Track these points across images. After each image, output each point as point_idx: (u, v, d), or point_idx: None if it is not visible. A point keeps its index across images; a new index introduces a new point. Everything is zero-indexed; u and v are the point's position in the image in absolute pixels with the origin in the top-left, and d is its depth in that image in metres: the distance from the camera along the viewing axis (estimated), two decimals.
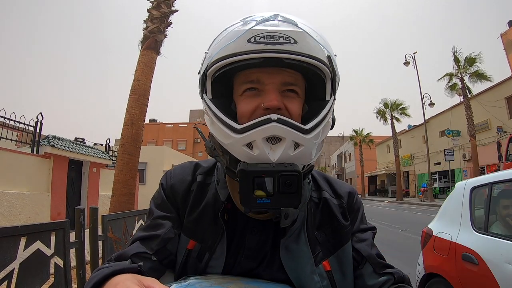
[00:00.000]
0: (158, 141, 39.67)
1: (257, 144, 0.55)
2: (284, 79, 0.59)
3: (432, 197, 20.59)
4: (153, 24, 6.95)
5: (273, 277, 0.66)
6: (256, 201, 0.53)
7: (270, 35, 0.55)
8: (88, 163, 10.36)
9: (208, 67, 0.60)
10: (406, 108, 27.30)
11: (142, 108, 6.54)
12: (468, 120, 17.06)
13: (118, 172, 6.26)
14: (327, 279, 0.66)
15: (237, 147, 0.57)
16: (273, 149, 0.55)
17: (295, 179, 0.52)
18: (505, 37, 19.09)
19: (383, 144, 36.35)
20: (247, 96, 0.60)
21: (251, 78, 0.60)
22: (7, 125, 7.75)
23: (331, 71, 0.60)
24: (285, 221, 0.64)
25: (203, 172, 0.76)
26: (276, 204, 0.53)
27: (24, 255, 1.89)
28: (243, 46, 0.55)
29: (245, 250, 0.67)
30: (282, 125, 0.55)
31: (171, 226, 0.70)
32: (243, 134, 0.56)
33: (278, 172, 0.52)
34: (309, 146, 0.58)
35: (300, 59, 0.56)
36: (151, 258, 0.65)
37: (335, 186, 0.78)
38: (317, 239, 0.69)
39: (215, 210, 0.69)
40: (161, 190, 0.75)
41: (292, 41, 0.55)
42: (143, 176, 14.88)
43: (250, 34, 0.55)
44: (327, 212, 0.72)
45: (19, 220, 7.25)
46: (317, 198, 0.74)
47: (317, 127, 0.59)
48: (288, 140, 0.55)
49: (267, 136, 0.55)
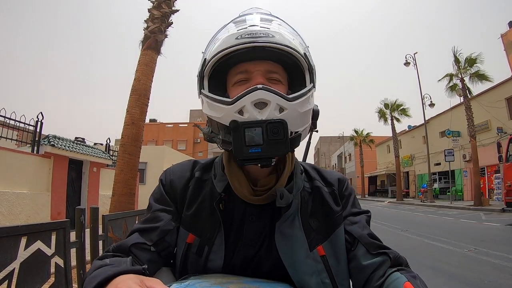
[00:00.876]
0: (158, 141, 39.68)
1: (246, 109, 0.62)
2: (267, 67, 0.69)
3: (432, 198, 20.56)
4: (154, 24, 6.93)
5: (273, 262, 0.69)
6: (248, 150, 0.60)
7: (253, 33, 0.65)
8: (88, 162, 10.36)
9: (205, 66, 0.68)
10: (406, 108, 27.29)
11: (142, 108, 6.53)
12: (468, 120, 17.03)
13: (118, 172, 6.24)
14: (322, 263, 0.69)
15: (230, 115, 0.63)
16: (261, 112, 0.62)
17: (280, 126, 0.60)
18: (505, 38, 19.10)
19: (383, 144, 36.34)
20: (237, 85, 0.69)
21: (240, 69, 0.69)
22: (7, 124, 7.75)
23: (307, 63, 0.69)
24: (281, 201, 0.67)
25: (201, 168, 0.80)
26: (266, 152, 0.60)
27: (25, 254, 1.88)
28: (232, 42, 0.65)
29: (244, 239, 0.70)
30: (267, 91, 0.63)
31: (170, 219, 0.73)
32: (234, 103, 0.63)
33: (265, 122, 0.60)
34: (294, 112, 0.64)
35: (278, 47, 0.65)
36: (150, 249, 0.68)
37: (325, 175, 0.82)
38: (311, 226, 0.72)
39: (212, 202, 0.71)
40: (160, 185, 0.79)
41: (271, 36, 0.65)
42: (143, 176, 14.89)
43: (237, 33, 0.65)
44: (319, 200, 0.76)
45: (19, 220, 7.25)
46: (309, 188, 0.78)
47: (300, 98, 0.66)
48: (273, 103, 0.62)
49: (255, 100, 0.62)
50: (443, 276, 4.27)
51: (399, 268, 0.66)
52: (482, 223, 9.88)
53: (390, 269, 0.66)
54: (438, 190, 24.21)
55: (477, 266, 4.68)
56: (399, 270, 0.65)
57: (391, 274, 0.65)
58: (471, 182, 18.25)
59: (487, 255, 5.30)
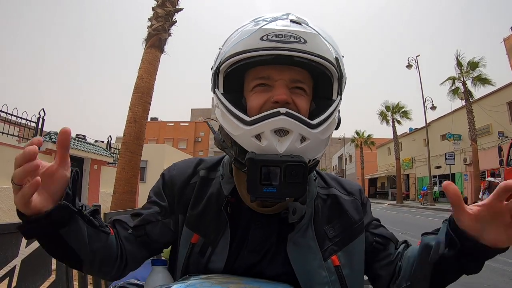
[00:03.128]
0: (159, 139, 39.71)
1: (265, 136, 0.58)
2: (292, 76, 0.62)
3: (432, 201, 20.55)
4: (158, 22, 6.93)
5: (277, 272, 0.66)
6: (262, 190, 0.55)
7: (282, 34, 0.58)
8: (89, 160, 10.36)
9: (221, 63, 0.62)
10: (408, 111, 27.25)
11: (145, 106, 6.53)
12: (469, 124, 17.02)
13: (120, 170, 6.25)
14: (335, 274, 0.67)
15: (246, 138, 0.59)
16: (280, 141, 0.58)
17: (300, 169, 0.55)
18: (508, 42, 19.02)
19: (384, 146, 36.29)
20: (257, 91, 0.63)
21: (262, 74, 0.63)
22: (9, 120, 7.76)
23: (338, 72, 0.63)
24: (293, 217, 0.65)
25: (206, 167, 0.78)
26: (282, 193, 0.55)
27: (26, 252, 1.89)
28: (256, 43, 0.58)
29: (249, 244, 0.68)
30: (290, 118, 0.57)
31: (156, 212, 0.73)
32: (252, 126, 0.58)
33: (284, 162, 0.55)
34: (315, 140, 0.60)
35: (309, 58, 0.59)
36: (127, 230, 0.70)
37: (345, 185, 0.80)
38: (327, 234, 0.70)
39: (218, 204, 0.70)
40: (161, 179, 0.79)
41: (302, 41, 0.58)
42: (143, 174, 14.89)
43: (262, 32, 0.58)
44: (337, 208, 0.74)
45: None
46: (324, 194, 0.75)
47: (324, 123, 0.61)
48: (295, 133, 0.58)
49: (275, 128, 0.58)
50: None
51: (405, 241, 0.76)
52: None
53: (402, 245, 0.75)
54: (438, 193, 24.15)
55: None
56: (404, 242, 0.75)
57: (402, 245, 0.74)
58: (471, 186, 18.20)
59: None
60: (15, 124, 8.08)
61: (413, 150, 28.50)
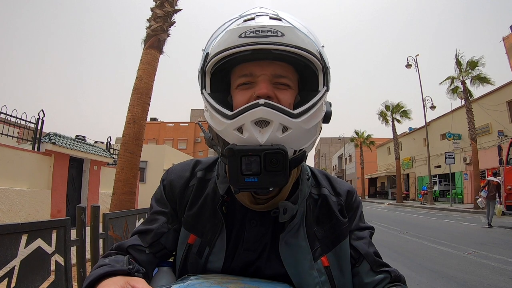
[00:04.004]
0: (159, 140, 39.69)
1: (246, 128, 0.58)
2: (274, 71, 0.62)
3: (432, 200, 20.56)
4: (157, 23, 6.94)
5: (273, 270, 0.67)
6: (244, 180, 0.55)
7: (259, 30, 0.59)
8: (89, 161, 10.36)
9: (206, 63, 0.63)
10: (407, 110, 27.26)
11: (144, 107, 6.53)
12: (469, 123, 17.02)
13: (119, 170, 6.24)
14: (325, 274, 0.67)
15: (229, 131, 0.60)
16: (261, 132, 0.58)
17: (280, 157, 0.55)
18: (507, 41, 19.02)
19: (384, 146, 36.30)
20: (241, 88, 0.64)
21: (245, 71, 0.63)
22: (8, 121, 7.75)
23: (322, 63, 0.63)
24: (284, 216, 0.65)
25: (203, 168, 0.78)
26: (263, 182, 0.56)
27: (25, 252, 1.89)
28: (235, 41, 0.59)
29: (244, 243, 0.68)
30: (269, 108, 0.58)
31: (164, 221, 0.73)
32: (233, 119, 0.59)
33: (263, 150, 0.55)
34: (298, 130, 0.60)
35: (287, 50, 0.59)
36: (145, 251, 0.69)
37: (335, 184, 0.79)
38: (316, 235, 0.70)
39: (214, 204, 0.70)
40: (161, 186, 0.79)
41: (279, 34, 0.59)
42: (143, 174, 14.90)
43: (241, 30, 0.59)
44: (326, 209, 0.73)
45: (19, 217, 7.26)
46: (316, 194, 0.75)
47: (306, 113, 0.61)
48: (275, 123, 0.58)
49: (255, 119, 0.58)
50: (443, 278, 4.26)
51: (396, 284, 0.68)
52: (482, 226, 9.87)
53: (388, 284, 0.68)
54: (438, 193, 24.18)
55: (476, 269, 4.68)
56: (396, 286, 0.67)
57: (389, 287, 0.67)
58: (471, 185, 18.22)
59: (486, 258, 5.30)
60: (14, 125, 8.08)
61: (413, 149, 28.51)
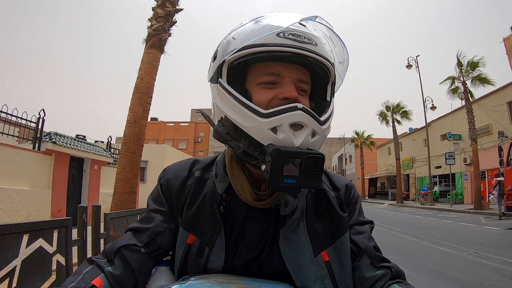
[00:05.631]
0: (159, 140, 39.70)
1: (282, 129, 0.59)
2: (299, 75, 0.65)
3: (432, 201, 20.54)
4: (158, 23, 6.93)
5: (275, 267, 0.67)
6: (283, 180, 0.56)
7: (298, 34, 0.61)
8: (90, 160, 10.36)
9: (230, 53, 0.62)
10: (408, 111, 27.23)
11: (145, 107, 6.52)
12: (469, 124, 17.00)
13: (120, 170, 6.24)
14: (326, 269, 0.67)
15: (262, 130, 0.59)
16: (296, 135, 0.59)
17: (319, 161, 0.57)
18: (507, 42, 19.00)
19: (384, 146, 36.29)
20: (264, 86, 0.64)
21: (272, 70, 0.64)
22: (9, 121, 7.75)
23: (334, 75, 0.68)
24: (285, 209, 0.66)
25: (201, 168, 0.77)
26: (300, 184, 0.57)
27: (26, 252, 1.89)
28: (273, 39, 0.60)
29: (245, 241, 0.68)
30: (306, 113, 0.60)
31: (161, 220, 0.73)
32: (269, 118, 0.59)
33: (306, 154, 0.56)
34: (323, 136, 0.64)
35: (319, 60, 0.62)
36: (140, 251, 0.69)
37: (333, 179, 0.80)
38: (316, 230, 0.70)
39: (212, 203, 0.70)
40: (158, 184, 0.78)
41: (314, 43, 0.62)
42: (143, 174, 14.89)
43: (280, 29, 0.60)
44: (325, 203, 0.74)
45: (19, 216, 7.26)
46: (315, 189, 0.76)
47: (328, 120, 0.65)
48: (309, 128, 0.60)
49: (293, 122, 0.59)
50: (443, 279, 4.26)
51: (398, 281, 0.68)
52: (482, 226, 9.86)
53: (390, 281, 0.68)
54: (438, 193, 24.16)
55: (476, 269, 4.68)
56: (397, 282, 0.67)
57: (390, 285, 0.67)
58: (471, 186, 18.21)
59: (487, 259, 5.29)
60: (15, 125, 8.07)
61: (413, 150, 28.50)
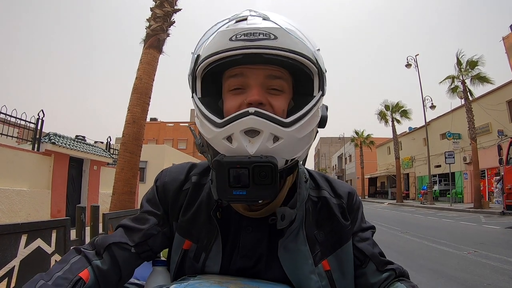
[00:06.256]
0: (158, 140, 39.66)
1: (235, 137, 0.56)
2: (267, 73, 0.60)
3: (432, 200, 20.55)
4: (156, 23, 6.94)
5: (273, 277, 0.65)
6: (232, 192, 0.54)
7: (250, 32, 0.56)
8: (89, 161, 10.36)
9: (197, 66, 0.61)
10: (407, 110, 27.24)
11: (144, 107, 6.53)
12: (469, 123, 17.01)
13: (119, 170, 6.25)
14: (326, 278, 0.66)
15: (218, 140, 0.58)
16: (251, 142, 0.56)
17: (269, 170, 0.53)
18: (507, 41, 19.01)
19: (383, 146, 36.30)
20: (233, 93, 0.61)
21: (235, 72, 0.61)
22: (8, 121, 7.75)
23: (317, 67, 0.60)
24: (282, 223, 0.63)
25: (198, 173, 0.76)
26: (251, 195, 0.54)
27: (25, 252, 1.89)
28: (225, 44, 0.57)
29: (240, 249, 0.67)
30: (260, 117, 0.55)
31: (155, 223, 0.71)
32: (223, 127, 0.57)
33: (251, 163, 0.53)
34: (290, 139, 0.57)
35: (280, 54, 0.56)
36: (130, 250, 0.67)
37: (335, 186, 0.78)
38: (316, 239, 0.68)
39: (208, 209, 0.69)
40: (154, 186, 0.77)
41: (272, 37, 0.56)
42: (143, 174, 14.89)
43: (231, 32, 0.57)
44: (327, 211, 0.72)
45: (19, 217, 7.25)
46: (315, 197, 0.74)
47: (299, 121, 0.58)
48: (266, 133, 0.55)
49: (245, 129, 0.55)
50: (443, 278, 4.26)
51: (400, 279, 0.69)
52: (482, 225, 9.87)
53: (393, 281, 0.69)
54: (438, 192, 24.17)
55: (476, 268, 4.68)
56: (399, 280, 0.68)
57: (393, 283, 0.67)
58: (471, 185, 18.21)
59: (486, 258, 5.29)
60: (14, 125, 8.07)
61: (412, 149, 28.51)
